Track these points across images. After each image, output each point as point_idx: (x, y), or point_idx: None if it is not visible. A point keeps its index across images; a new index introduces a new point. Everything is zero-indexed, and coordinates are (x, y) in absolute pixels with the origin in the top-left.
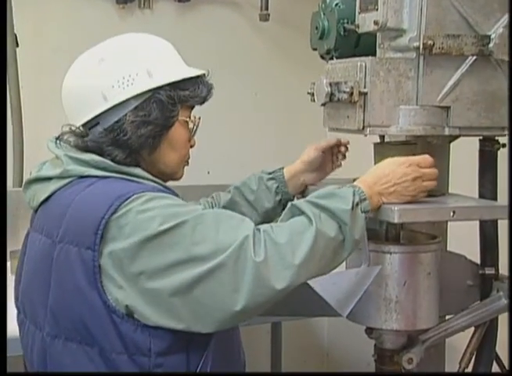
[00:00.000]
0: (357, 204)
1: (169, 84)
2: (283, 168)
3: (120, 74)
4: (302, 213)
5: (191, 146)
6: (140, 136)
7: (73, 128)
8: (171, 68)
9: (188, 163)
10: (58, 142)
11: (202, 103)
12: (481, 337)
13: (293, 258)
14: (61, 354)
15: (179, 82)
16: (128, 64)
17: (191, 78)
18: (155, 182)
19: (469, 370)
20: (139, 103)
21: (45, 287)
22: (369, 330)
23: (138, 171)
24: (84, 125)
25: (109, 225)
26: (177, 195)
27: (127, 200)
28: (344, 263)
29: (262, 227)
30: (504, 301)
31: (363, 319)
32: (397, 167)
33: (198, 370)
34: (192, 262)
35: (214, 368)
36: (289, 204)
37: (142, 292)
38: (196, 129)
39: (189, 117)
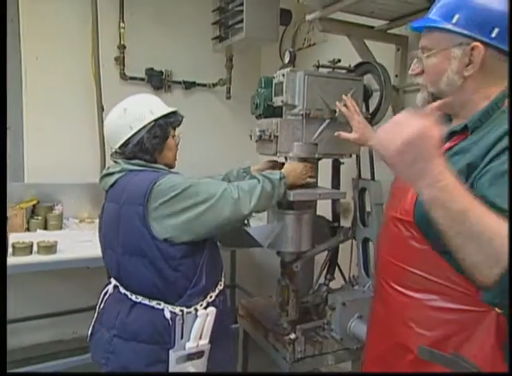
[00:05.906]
0: (281, 179)
1: (163, 116)
2: (249, 167)
3: (137, 114)
4: (255, 178)
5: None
6: (153, 144)
7: (118, 150)
8: (161, 108)
9: (176, 159)
10: (112, 155)
11: (179, 125)
12: (330, 255)
13: (251, 200)
14: (128, 264)
15: (168, 114)
16: (140, 108)
17: (172, 112)
18: (170, 171)
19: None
20: (149, 128)
21: (117, 230)
22: (278, 252)
23: (161, 166)
24: (121, 145)
25: (151, 192)
26: (182, 175)
27: (158, 180)
28: (266, 220)
29: (234, 183)
30: (341, 237)
31: (275, 247)
32: (299, 166)
33: (199, 267)
34: (197, 205)
35: (208, 266)
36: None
37: (173, 225)
38: (179, 140)
39: (174, 133)
